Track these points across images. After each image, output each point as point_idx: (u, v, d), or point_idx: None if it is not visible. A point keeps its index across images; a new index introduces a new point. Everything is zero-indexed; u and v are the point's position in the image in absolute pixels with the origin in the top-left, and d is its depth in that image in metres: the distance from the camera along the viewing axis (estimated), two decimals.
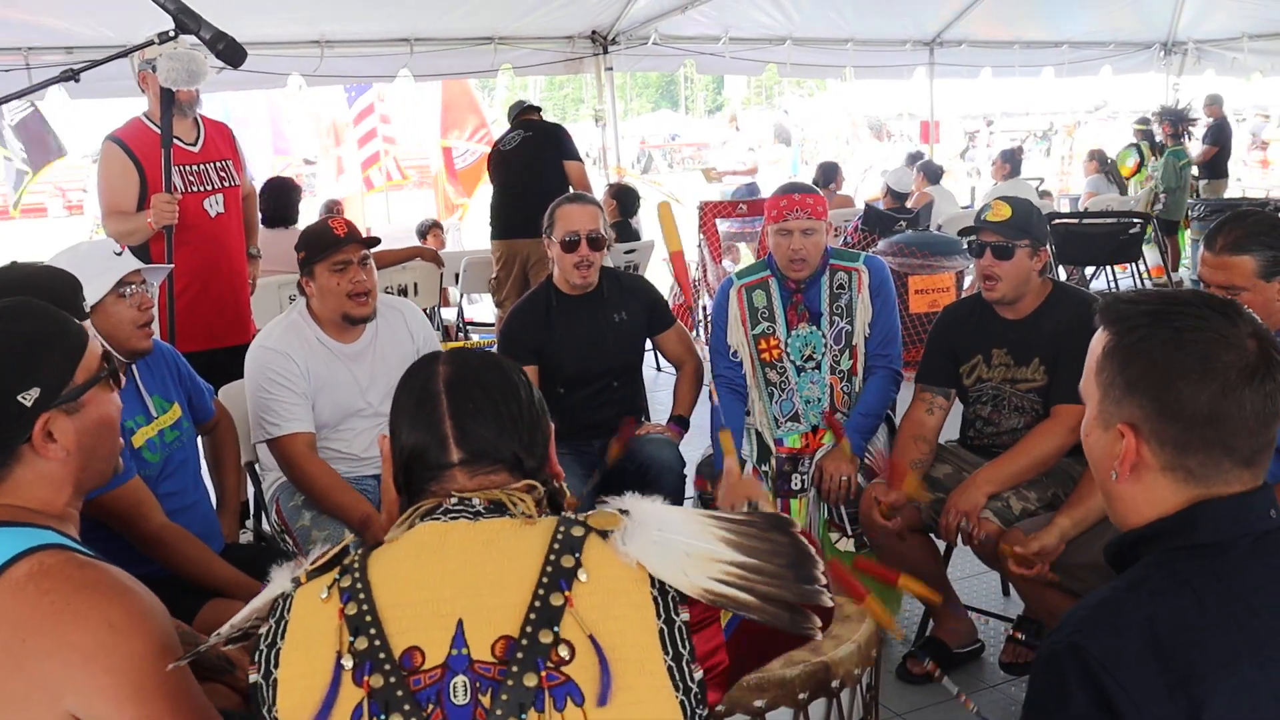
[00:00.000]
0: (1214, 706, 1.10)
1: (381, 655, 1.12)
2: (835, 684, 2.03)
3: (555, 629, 1.12)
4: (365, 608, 1.15)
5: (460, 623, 1.14)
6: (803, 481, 3.16)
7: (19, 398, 1.37)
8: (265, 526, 3.11)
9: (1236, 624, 1.14)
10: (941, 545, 3.04)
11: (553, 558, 1.16)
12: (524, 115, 6.22)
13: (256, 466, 3.09)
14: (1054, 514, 2.61)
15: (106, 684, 1.25)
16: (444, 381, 1.30)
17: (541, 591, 1.14)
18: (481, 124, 11.10)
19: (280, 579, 1.23)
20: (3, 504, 1.38)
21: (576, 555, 1.16)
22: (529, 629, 1.12)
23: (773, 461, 3.21)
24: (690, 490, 3.32)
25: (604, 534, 1.19)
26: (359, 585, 1.17)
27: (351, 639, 1.13)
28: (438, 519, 1.23)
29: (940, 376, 3.02)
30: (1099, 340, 1.29)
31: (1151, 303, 1.26)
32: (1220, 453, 1.20)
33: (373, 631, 1.13)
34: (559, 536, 1.19)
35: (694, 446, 3.37)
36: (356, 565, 1.19)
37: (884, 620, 2.13)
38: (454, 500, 1.24)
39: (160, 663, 1.27)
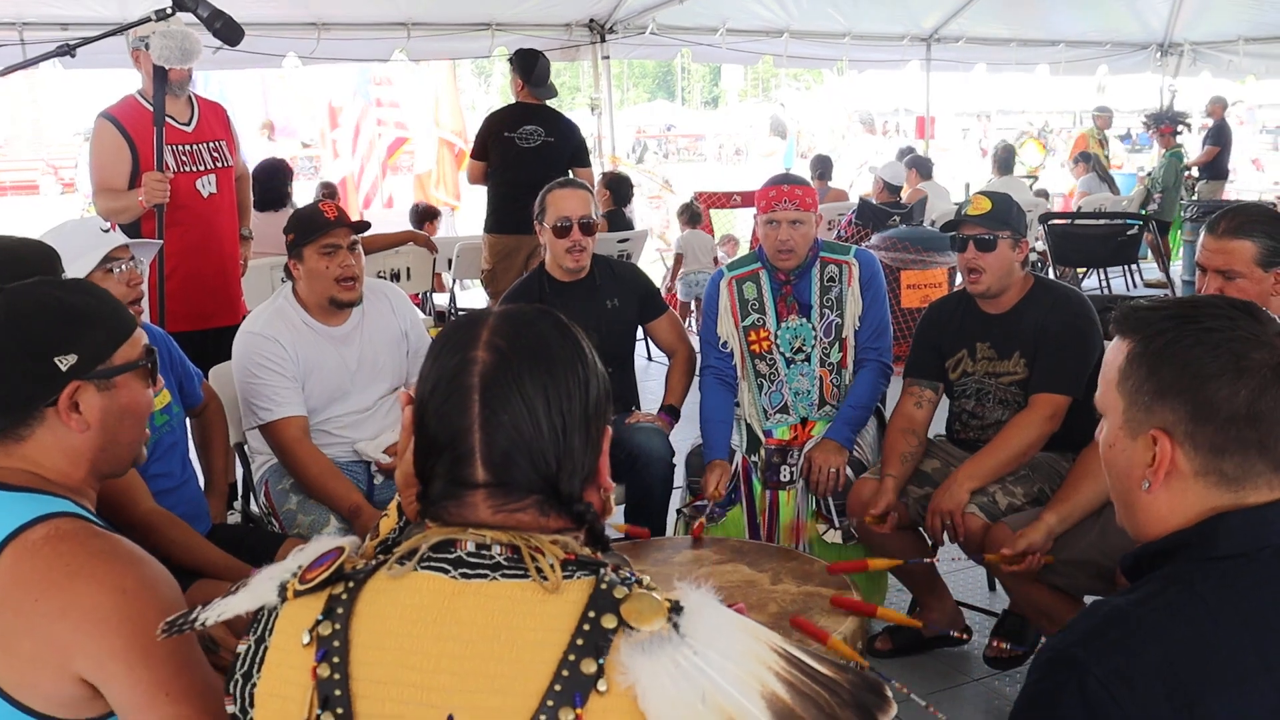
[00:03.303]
0: None
1: None
2: None
3: None
4: (339, 676, 1.00)
5: (450, 719, 0.98)
6: (791, 473, 3.17)
7: (55, 359, 1.42)
8: (253, 508, 3.11)
9: (1251, 641, 1.11)
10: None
11: (572, 658, 0.96)
12: (535, 86, 5.55)
13: (246, 448, 3.09)
14: (1041, 510, 2.63)
15: (118, 646, 1.28)
16: (479, 375, 1.08)
17: (550, 703, 0.95)
18: None
19: (267, 585, 1.08)
20: (23, 469, 1.42)
21: (600, 661, 0.96)
22: None
23: (762, 453, 3.22)
24: (679, 480, 3.33)
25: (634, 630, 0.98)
26: (338, 643, 1.01)
27: (320, 712, 1.00)
28: (447, 571, 1.04)
29: (927, 370, 3.05)
30: (1118, 350, 1.27)
31: (1173, 307, 1.24)
32: (1256, 454, 1.18)
33: (340, 711, 0.99)
34: (585, 625, 0.98)
35: (684, 436, 3.38)
36: (342, 607, 1.03)
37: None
38: (470, 546, 1.05)
39: None
